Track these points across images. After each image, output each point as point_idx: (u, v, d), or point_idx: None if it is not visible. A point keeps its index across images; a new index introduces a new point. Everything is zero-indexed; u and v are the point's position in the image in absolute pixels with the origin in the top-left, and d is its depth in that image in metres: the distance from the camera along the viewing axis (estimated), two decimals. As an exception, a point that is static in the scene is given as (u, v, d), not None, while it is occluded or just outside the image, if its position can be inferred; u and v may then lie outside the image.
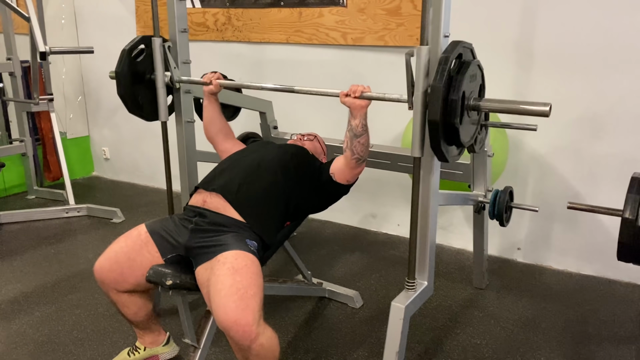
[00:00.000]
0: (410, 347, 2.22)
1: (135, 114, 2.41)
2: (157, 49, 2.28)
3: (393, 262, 3.03)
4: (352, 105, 1.87)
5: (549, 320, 2.44)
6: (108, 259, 1.85)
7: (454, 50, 1.62)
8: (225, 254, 1.71)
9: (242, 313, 1.57)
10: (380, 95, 1.84)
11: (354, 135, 1.89)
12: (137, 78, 2.34)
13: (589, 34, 2.62)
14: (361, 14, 3.12)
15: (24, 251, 3.17)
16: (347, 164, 1.96)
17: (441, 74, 1.57)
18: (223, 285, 1.62)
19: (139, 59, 2.34)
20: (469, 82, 1.66)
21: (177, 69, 2.34)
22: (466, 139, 1.72)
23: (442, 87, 1.57)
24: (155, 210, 3.83)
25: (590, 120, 2.70)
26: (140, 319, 2.00)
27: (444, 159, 1.70)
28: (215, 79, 2.22)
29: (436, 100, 1.57)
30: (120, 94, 2.34)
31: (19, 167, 4.14)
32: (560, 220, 2.89)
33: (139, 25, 4.06)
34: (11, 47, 3.74)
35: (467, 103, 1.67)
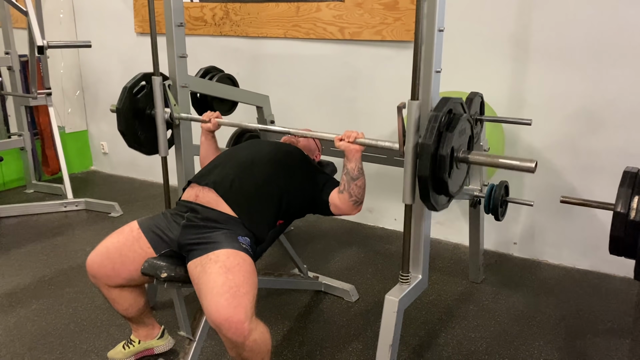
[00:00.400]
0: (405, 341, 2.23)
1: (135, 148, 2.45)
2: (157, 88, 2.31)
3: (389, 256, 3.04)
4: (346, 150, 1.91)
5: (544, 314, 2.45)
6: (99, 254, 1.86)
7: (444, 107, 1.66)
8: (217, 252, 1.72)
9: (234, 311, 1.58)
10: (374, 142, 1.89)
11: (351, 178, 1.92)
12: (137, 114, 2.38)
13: (585, 28, 2.62)
14: (358, 8, 3.12)
15: (22, 245, 3.18)
16: (345, 204, 1.97)
17: (431, 131, 1.62)
18: (215, 283, 1.63)
19: (139, 96, 2.37)
20: (458, 137, 1.70)
21: (176, 105, 2.37)
22: (454, 189, 1.77)
23: (431, 144, 1.61)
24: (153, 204, 3.84)
25: (587, 115, 2.71)
26: (132, 314, 2.01)
27: (433, 209, 1.76)
28: (214, 118, 2.24)
29: (425, 156, 1.62)
30: (120, 130, 2.37)
31: (17, 161, 4.15)
32: (556, 214, 2.90)
33: (137, 20, 4.06)
34: (9, 41, 3.75)
35: (456, 155, 1.71)
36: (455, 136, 1.66)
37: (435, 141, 1.62)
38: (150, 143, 2.44)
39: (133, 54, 4.17)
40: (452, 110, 1.71)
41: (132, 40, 4.16)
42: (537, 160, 1.64)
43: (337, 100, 3.39)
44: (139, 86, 2.37)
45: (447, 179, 1.66)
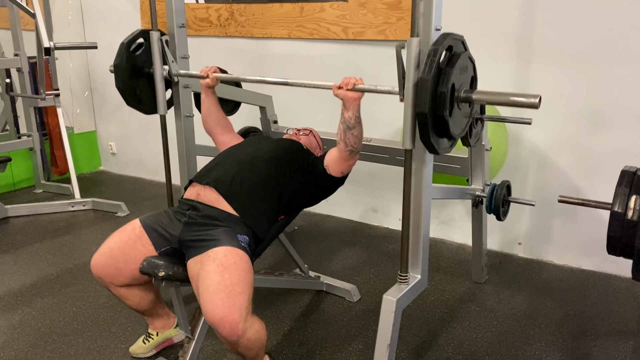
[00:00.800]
0: (406, 340, 2.23)
1: (134, 106, 2.44)
2: (155, 43, 2.30)
3: (392, 257, 3.03)
4: (344, 98, 1.88)
5: (546, 315, 2.44)
6: (103, 255, 1.88)
7: (444, 42, 1.61)
8: (216, 249, 1.73)
9: (229, 310, 1.60)
10: (372, 87, 1.85)
11: (347, 127, 1.90)
12: (136, 71, 2.37)
13: (588, 28, 2.60)
14: (362, 8, 3.12)
15: (29, 244, 3.22)
16: (340, 155, 1.97)
17: (429, 66, 1.57)
18: (211, 281, 1.65)
19: (138, 53, 2.36)
20: (459, 74, 1.65)
21: (175, 62, 2.36)
22: (457, 131, 1.72)
23: (430, 79, 1.56)
24: (159, 204, 3.87)
25: (590, 114, 2.68)
26: (144, 308, 2.05)
27: (434, 152, 1.70)
28: (212, 72, 2.24)
29: (424, 92, 1.56)
30: (118, 87, 2.36)
31: (26, 162, 4.21)
32: (560, 215, 2.88)
33: (144, 21, 4.10)
34: (18, 43, 3.79)
35: (457, 95, 1.66)
36: (455, 72, 1.61)
37: (434, 76, 1.57)
38: (149, 101, 2.44)
39: (140, 55, 4.20)
40: (453, 47, 1.67)
41: (139, 41, 4.19)
42: (540, 95, 1.58)
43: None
44: (137, 43, 2.35)
45: (447, 117, 1.60)
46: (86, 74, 4.59)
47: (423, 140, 1.66)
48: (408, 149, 1.74)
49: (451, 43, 1.65)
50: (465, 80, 1.72)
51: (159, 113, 2.43)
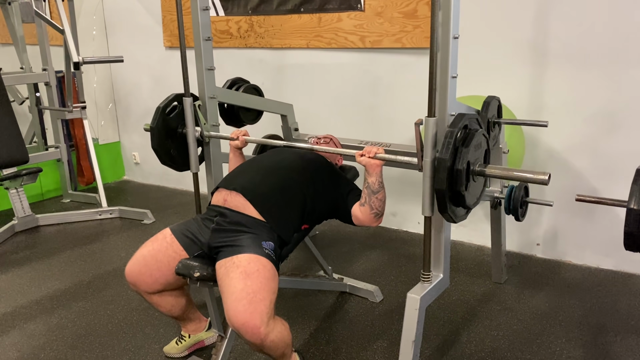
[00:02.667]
0: (429, 339, 2.30)
1: (168, 165, 2.59)
2: (188, 108, 2.46)
3: (413, 259, 3.10)
4: (367, 165, 1.99)
5: (566, 313, 2.48)
6: (137, 263, 1.97)
7: (460, 123, 1.73)
8: (240, 256, 1.81)
9: (250, 316, 1.68)
10: (393, 157, 1.97)
11: (372, 192, 2.00)
12: (169, 133, 2.52)
13: (603, 30, 2.66)
14: (378, 17, 3.21)
15: (60, 251, 3.34)
16: (366, 217, 2.05)
17: (447, 147, 1.70)
18: (235, 288, 1.73)
19: (171, 116, 2.50)
20: (474, 151, 1.78)
21: (206, 124, 2.51)
22: (472, 202, 1.84)
23: (447, 158, 1.69)
24: (184, 211, 3.98)
25: (607, 116, 2.74)
26: (176, 313, 2.13)
27: (452, 220, 1.83)
28: (242, 135, 2.35)
29: (443, 171, 1.70)
30: (154, 147, 2.50)
31: (54, 173, 4.35)
32: (579, 215, 2.92)
33: (166, 35, 4.23)
34: (46, 58, 3.94)
35: (472, 169, 1.79)
36: (470, 151, 1.74)
37: (451, 156, 1.70)
38: (181, 159, 2.58)
39: (162, 67, 4.34)
40: (468, 125, 1.78)
41: (161, 54, 4.33)
42: (550, 173, 1.71)
43: (359, 107, 3.48)
44: (171, 106, 2.50)
45: (464, 192, 1.74)
46: (110, 86, 4.73)
47: (441, 211, 1.80)
48: (427, 216, 1.87)
49: (466, 122, 1.76)
50: (479, 155, 1.84)
51: (191, 171, 2.57)
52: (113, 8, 4.51)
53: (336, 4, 3.34)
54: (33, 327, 2.49)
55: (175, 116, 2.51)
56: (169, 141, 2.52)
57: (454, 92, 1.81)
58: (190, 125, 2.47)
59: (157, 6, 4.21)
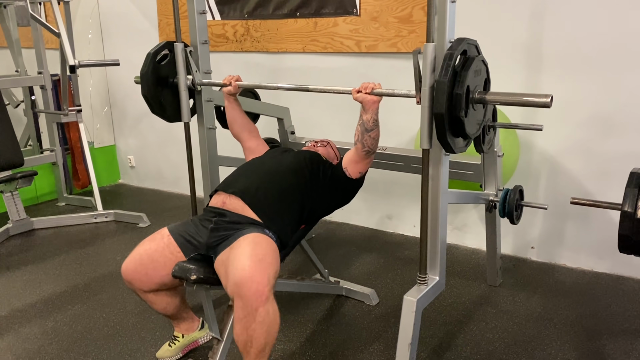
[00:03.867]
0: (425, 341, 2.30)
1: (158, 114, 2.54)
2: (180, 54, 2.42)
3: (409, 262, 3.11)
4: (364, 101, 1.99)
5: (561, 316, 2.50)
6: (133, 261, 1.97)
7: (459, 47, 1.71)
8: (245, 235, 1.85)
9: (258, 271, 1.70)
10: (390, 91, 1.96)
11: (365, 129, 2.01)
12: (160, 81, 2.48)
13: (597, 34, 2.68)
14: (374, 22, 3.23)
15: (56, 255, 3.33)
16: (357, 155, 2.08)
17: (446, 69, 1.67)
18: (244, 251, 1.76)
19: (163, 63, 2.47)
20: (473, 76, 1.75)
21: (198, 72, 2.47)
22: (472, 130, 1.81)
23: (447, 82, 1.67)
24: (180, 215, 3.97)
25: (601, 119, 2.76)
26: (170, 312, 2.14)
27: (451, 150, 1.80)
28: (234, 81, 2.35)
29: (441, 94, 1.67)
30: (144, 95, 2.46)
31: (49, 176, 4.33)
32: (573, 218, 2.94)
33: (162, 38, 4.23)
34: (42, 61, 3.94)
35: (472, 96, 1.77)
36: (470, 75, 1.71)
37: (450, 79, 1.67)
38: (172, 110, 2.54)
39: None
40: (467, 51, 1.76)
41: (157, 58, 4.32)
42: (552, 95, 1.66)
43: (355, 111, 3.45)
44: (162, 54, 2.46)
45: (463, 118, 1.70)
46: (105, 90, 4.73)
47: (440, 140, 1.76)
48: (425, 149, 1.83)
49: (465, 47, 1.75)
50: (479, 82, 1.82)
51: (183, 120, 2.53)
52: (109, 11, 4.51)
53: (332, 8, 3.36)
54: (28, 330, 2.48)
55: (166, 64, 2.48)
56: (160, 89, 2.48)
57: (454, 17, 1.78)
58: (182, 72, 2.45)
59: (153, 10, 4.21)
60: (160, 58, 2.46)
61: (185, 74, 2.46)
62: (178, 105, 2.50)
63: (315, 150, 2.38)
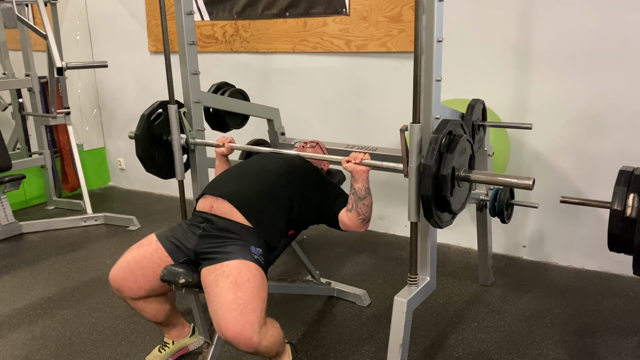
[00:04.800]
0: (417, 342, 2.30)
1: (153, 173, 2.56)
2: (173, 115, 2.44)
3: (400, 262, 3.10)
4: (353, 171, 1.99)
5: (553, 315, 2.50)
6: (121, 268, 1.94)
7: (444, 129, 1.74)
8: (229, 263, 1.80)
9: (242, 327, 1.68)
10: (379, 164, 1.98)
11: (358, 198, 2.01)
12: (154, 140, 2.50)
13: (586, 34, 2.69)
14: (364, 21, 3.22)
15: (45, 259, 3.30)
16: (353, 223, 2.06)
17: (431, 153, 1.71)
18: (225, 299, 1.72)
19: (156, 123, 2.48)
20: (458, 157, 1.78)
21: (192, 131, 2.49)
22: (457, 207, 1.85)
23: (432, 164, 1.70)
24: (170, 217, 3.95)
25: (590, 118, 2.77)
26: (160, 319, 2.11)
27: (437, 226, 1.84)
28: (227, 142, 2.34)
29: (427, 177, 1.71)
30: (139, 155, 2.48)
31: (38, 179, 4.29)
32: (564, 217, 2.95)
33: (150, 39, 4.21)
34: (29, 63, 3.90)
35: (457, 174, 1.80)
36: (455, 156, 1.75)
37: (436, 162, 1.71)
38: (166, 167, 2.56)
39: (147, 72, 4.31)
40: (452, 131, 1.79)
41: (146, 59, 4.30)
42: (534, 178, 1.72)
43: (345, 111, 3.49)
44: (156, 114, 2.48)
45: (449, 197, 1.75)
46: (94, 92, 4.69)
47: (427, 217, 1.81)
48: (413, 222, 1.87)
49: (451, 128, 1.77)
50: (464, 161, 1.85)
51: (177, 178, 2.55)
52: (97, 13, 4.47)
53: (321, 8, 3.34)
54: (16, 336, 2.45)
55: (160, 123, 2.49)
56: (154, 148, 2.50)
57: (439, 95, 1.82)
58: (176, 132, 2.46)
59: (142, 11, 4.18)
60: (155, 117, 2.47)
61: (179, 133, 2.47)
62: (172, 162, 2.52)
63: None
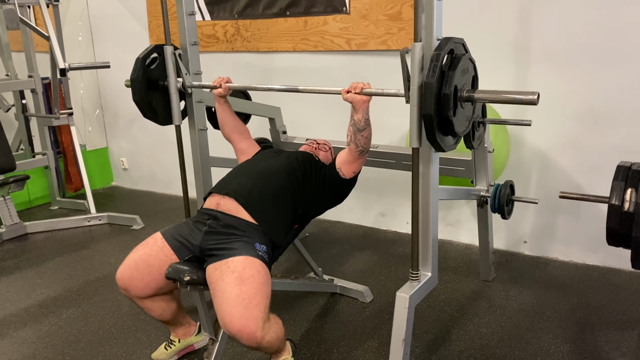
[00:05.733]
0: (419, 337, 2.32)
1: (150, 118, 2.53)
2: (169, 57, 2.41)
3: (402, 259, 3.13)
4: (353, 101, 1.99)
5: (553, 309, 2.52)
6: (128, 268, 1.96)
7: (446, 47, 1.72)
8: (234, 259, 1.83)
9: (246, 322, 1.71)
10: (380, 91, 1.95)
11: (357, 129, 2.01)
12: (151, 85, 2.47)
13: (585, 31, 2.70)
14: (364, 20, 3.24)
15: (49, 258, 3.33)
16: (351, 155, 2.08)
17: (433, 70, 1.68)
18: (230, 294, 1.75)
19: (152, 67, 2.46)
20: (460, 76, 1.76)
21: (188, 75, 2.47)
22: (461, 129, 1.81)
23: (434, 82, 1.67)
24: (173, 216, 3.98)
25: (589, 114, 2.78)
26: (167, 317, 2.14)
27: (440, 149, 1.80)
28: (224, 83, 2.35)
29: (430, 95, 1.67)
30: (135, 100, 2.46)
31: (42, 180, 4.32)
32: (564, 212, 2.97)
33: (152, 40, 4.23)
34: (32, 65, 3.92)
35: (460, 95, 1.77)
36: (457, 74, 1.71)
37: (438, 80, 1.67)
38: (164, 113, 2.54)
39: (149, 72, 4.33)
40: (454, 50, 1.76)
41: (147, 59, 4.32)
42: (538, 92, 1.67)
43: (346, 110, 3.46)
44: (151, 58, 2.45)
45: (452, 117, 1.70)
46: (97, 92, 4.72)
47: (429, 139, 1.76)
48: (415, 148, 1.83)
49: (452, 47, 1.75)
50: (467, 80, 1.82)
51: (174, 123, 2.52)
52: (99, 14, 4.50)
53: (322, 7, 3.36)
54: (23, 334, 2.48)
55: (156, 68, 2.47)
56: (151, 93, 2.48)
57: (441, 14, 1.78)
58: (172, 75, 2.43)
59: (143, 11, 4.21)
60: (150, 62, 2.46)
61: (176, 77, 2.45)
62: (169, 108, 2.50)
63: (316, 153, 2.36)
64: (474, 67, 1.86)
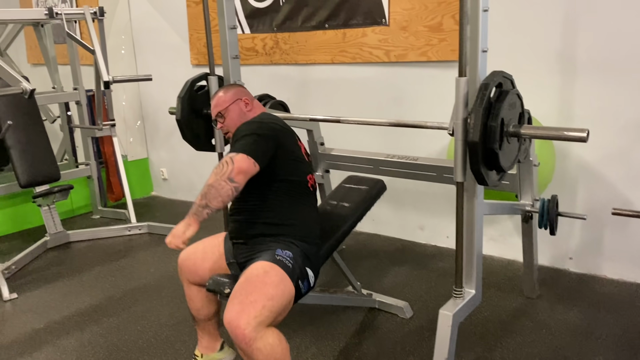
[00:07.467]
0: (461, 356, 2.25)
1: (188, 140, 2.61)
2: (214, 86, 2.49)
3: (443, 274, 3.06)
4: None
5: (603, 329, 2.42)
6: (189, 250, 2.14)
7: (494, 79, 1.69)
8: (252, 265, 1.88)
9: (237, 315, 1.70)
10: (422, 123, 1.94)
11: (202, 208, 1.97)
12: (195, 109, 2.54)
13: (632, 40, 2.61)
14: (403, 31, 3.21)
15: (91, 267, 3.39)
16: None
17: (481, 99, 1.67)
18: (234, 292, 1.80)
19: (199, 93, 2.52)
20: (508, 109, 1.73)
21: None
22: (506, 164, 1.78)
23: (481, 111, 1.65)
24: (211, 226, 3.93)
25: (638, 125, 2.68)
26: (202, 316, 2.18)
27: (484, 183, 1.78)
28: None
29: (476, 125, 1.66)
30: (178, 120, 2.53)
31: (84, 189, 4.43)
32: (612, 227, 2.85)
33: (193, 52, 4.30)
34: (77, 77, 4.04)
35: (506, 129, 1.74)
36: (504, 107, 1.68)
37: (485, 110, 1.64)
38: (203, 138, 2.61)
39: (189, 84, 4.40)
40: (502, 84, 1.74)
41: (188, 72, 4.34)
42: (588, 129, 1.61)
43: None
44: (200, 84, 2.52)
45: (497, 150, 1.67)
46: (138, 104, 4.82)
47: (474, 171, 1.73)
48: (460, 182, 1.81)
49: (500, 80, 1.73)
50: (513, 115, 1.79)
51: (216, 151, 2.61)
52: (141, 27, 4.61)
53: (360, 19, 3.35)
54: (66, 342, 2.52)
55: (202, 95, 2.54)
56: (193, 117, 2.54)
57: (486, 26, 1.76)
58: None
59: (184, 25, 4.28)
60: (197, 88, 2.52)
61: None
62: (209, 135, 2.55)
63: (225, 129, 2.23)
64: (521, 103, 1.83)
